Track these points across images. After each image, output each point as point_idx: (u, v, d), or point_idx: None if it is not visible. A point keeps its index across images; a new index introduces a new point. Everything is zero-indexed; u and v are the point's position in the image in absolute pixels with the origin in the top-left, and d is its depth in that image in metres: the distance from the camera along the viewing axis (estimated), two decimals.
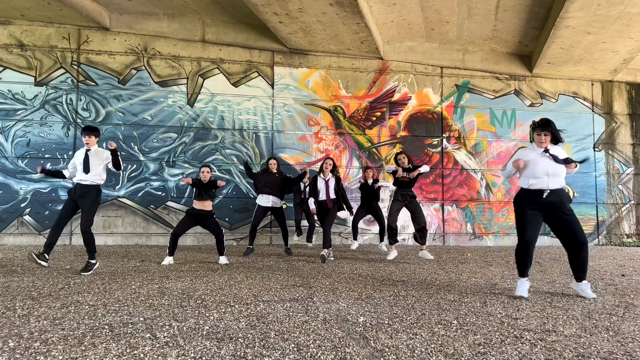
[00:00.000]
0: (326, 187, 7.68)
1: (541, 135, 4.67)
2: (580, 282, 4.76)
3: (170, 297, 4.43)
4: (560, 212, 4.63)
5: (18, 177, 10.31)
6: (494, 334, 3.23)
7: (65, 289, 4.79)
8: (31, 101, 10.48)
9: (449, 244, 11.78)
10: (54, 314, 3.67)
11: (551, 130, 4.64)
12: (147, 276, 5.79)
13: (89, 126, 6.32)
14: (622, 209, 12.73)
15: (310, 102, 11.57)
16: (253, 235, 8.34)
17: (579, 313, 3.96)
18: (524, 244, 4.72)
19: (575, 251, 4.71)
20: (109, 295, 4.46)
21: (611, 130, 12.83)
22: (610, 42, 10.60)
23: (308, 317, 3.64)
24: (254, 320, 3.53)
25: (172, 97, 11.01)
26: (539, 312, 3.98)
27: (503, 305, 4.25)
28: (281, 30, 10.48)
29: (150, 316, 3.62)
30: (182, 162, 10.92)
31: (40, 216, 10.31)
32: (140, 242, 10.59)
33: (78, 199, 6.03)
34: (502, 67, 12.45)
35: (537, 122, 4.77)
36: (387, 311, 3.92)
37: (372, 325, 3.41)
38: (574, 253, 4.72)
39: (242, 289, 4.90)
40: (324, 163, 7.82)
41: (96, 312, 3.77)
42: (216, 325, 3.37)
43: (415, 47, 12.04)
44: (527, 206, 4.68)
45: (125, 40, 10.93)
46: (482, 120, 12.30)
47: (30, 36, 10.58)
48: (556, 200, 4.62)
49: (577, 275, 4.77)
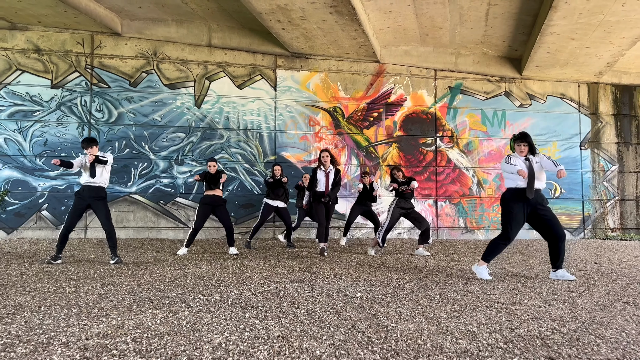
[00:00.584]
0: (326, 178, 7.68)
1: (520, 146, 5.44)
2: (557, 270, 5.50)
3: (193, 279, 5.08)
4: (541, 208, 5.33)
5: (36, 175, 10.95)
6: (469, 305, 3.90)
7: (99, 274, 5.45)
8: (48, 103, 11.11)
9: (442, 237, 12.46)
10: (99, 291, 4.32)
11: (528, 141, 5.44)
12: (166, 264, 6.44)
13: (89, 138, 6.65)
14: (607, 204, 13.41)
15: (311, 103, 12.22)
16: (256, 232, 8.98)
17: (545, 291, 4.63)
18: (508, 238, 5.47)
19: (554, 243, 5.49)
20: (139, 278, 5.12)
21: (597, 129, 13.50)
22: (594, 47, 11.26)
23: (314, 293, 4.30)
24: (269, 295, 4.19)
25: (180, 99, 11.65)
26: (511, 290, 4.64)
27: (482, 285, 4.91)
28: (283, 36, 11.12)
29: (180, 292, 4.28)
30: (190, 161, 11.57)
31: (57, 211, 10.96)
32: (151, 236, 11.24)
33: (89, 200, 6.46)
34: (493, 69, 13.11)
35: (516, 135, 5.54)
36: (381, 289, 4.58)
37: (368, 299, 4.07)
38: (554, 244, 5.50)
39: (255, 273, 5.56)
40: (321, 156, 7.79)
41: (133, 289, 4.42)
42: (238, 298, 4.03)
43: (411, 50, 12.69)
44: (515, 203, 5.38)
45: (136, 45, 11.56)
46: (474, 120, 12.97)
47: (46, 41, 11.20)
48: (538, 198, 5.33)
49: (555, 264, 5.51)
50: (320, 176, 7.73)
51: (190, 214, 11.39)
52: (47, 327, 3.01)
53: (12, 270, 5.67)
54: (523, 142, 5.52)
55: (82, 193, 6.51)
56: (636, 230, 13.44)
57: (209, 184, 7.78)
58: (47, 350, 2.56)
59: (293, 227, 9.69)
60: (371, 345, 2.71)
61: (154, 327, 3.05)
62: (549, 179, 13.10)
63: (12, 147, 10.89)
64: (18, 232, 10.75)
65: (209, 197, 7.77)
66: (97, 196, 6.49)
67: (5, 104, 10.91)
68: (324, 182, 7.67)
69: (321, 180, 7.70)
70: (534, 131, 13.15)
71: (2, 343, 2.69)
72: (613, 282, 5.31)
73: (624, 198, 13.50)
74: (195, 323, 3.15)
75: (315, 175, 7.77)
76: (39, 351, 2.55)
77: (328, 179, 7.68)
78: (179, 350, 2.59)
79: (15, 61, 11.01)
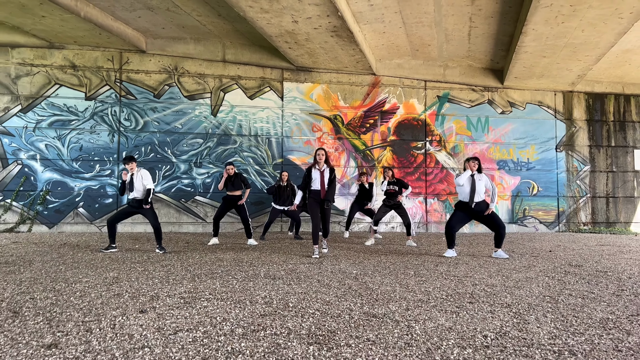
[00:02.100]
0: (321, 177, 7.60)
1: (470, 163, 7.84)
2: (497, 250, 7.70)
3: (227, 262, 6.62)
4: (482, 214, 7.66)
5: (73, 176, 12.47)
6: (433, 277, 5.44)
7: (151, 259, 6.98)
8: (82, 113, 12.62)
9: (431, 231, 14.01)
10: (163, 269, 5.85)
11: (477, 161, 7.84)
12: (199, 252, 7.97)
13: (128, 156, 7.99)
14: (580, 201, 14.94)
15: (314, 111, 13.74)
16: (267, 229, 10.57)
17: (494, 269, 6.17)
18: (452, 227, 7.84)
19: (496, 231, 7.70)
20: (186, 263, 6.65)
21: (571, 133, 15.01)
22: (564, 63, 12.76)
23: (321, 270, 5.84)
24: (289, 271, 5.73)
25: (198, 108, 13.16)
26: (470, 269, 6.19)
27: (449, 266, 6.45)
28: (290, 53, 12.62)
29: (223, 270, 5.82)
30: (207, 163, 13.10)
31: (92, 208, 12.49)
32: (174, 230, 12.79)
33: (138, 209, 7.97)
34: (477, 80, 14.61)
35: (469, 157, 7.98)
36: (371, 269, 6.12)
37: (361, 274, 5.61)
38: (496, 232, 7.71)
39: (274, 257, 7.10)
40: (317, 155, 7.68)
41: (187, 269, 5.95)
42: (267, 272, 5.57)
43: (403, 64, 14.19)
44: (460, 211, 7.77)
45: (159, 61, 13.06)
46: (460, 126, 14.48)
47: (80, 58, 12.70)
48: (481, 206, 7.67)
49: (497, 244, 7.73)
50: (315, 175, 7.65)
51: (208, 211, 12.93)
52: (148, 288, 4.55)
53: (81, 257, 7.20)
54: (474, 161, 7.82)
55: (132, 203, 8.00)
56: (606, 224, 14.98)
57: (228, 185, 9.30)
58: (161, 299, 4.10)
59: None
60: (360, 297, 4.26)
61: (218, 288, 4.60)
62: (528, 178, 14.71)
63: (52, 152, 12.40)
64: (58, 227, 12.29)
65: (229, 196, 9.30)
66: (141, 206, 7.94)
67: (46, 115, 12.42)
68: (319, 180, 7.59)
69: (316, 179, 7.62)
70: (514, 135, 14.68)
71: (129, 295, 4.22)
72: (551, 264, 6.85)
73: (595, 195, 15.03)
74: (244, 287, 4.70)
75: (310, 173, 7.71)
76: (156, 300, 4.09)
77: (323, 178, 7.58)
78: (241, 298, 4.13)
79: (54, 76, 12.51)
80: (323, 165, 7.66)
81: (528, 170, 14.71)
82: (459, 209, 7.83)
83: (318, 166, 7.68)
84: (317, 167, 7.69)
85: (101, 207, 12.55)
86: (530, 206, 14.66)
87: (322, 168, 7.64)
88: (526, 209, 14.61)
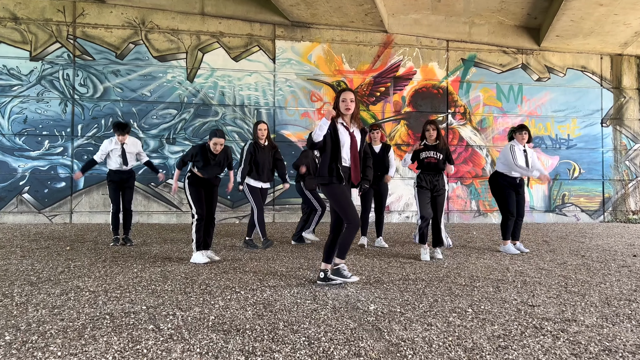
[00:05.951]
0: (352, 142, 4.24)
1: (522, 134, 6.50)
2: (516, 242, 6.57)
3: (174, 281, 4.30)
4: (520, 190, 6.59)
5: (16, 155, 10.13)
6: (512, 323, 3.10)
7: (66, 273, 4.66)
8: (27, 76, 10.22)
9: (453, 221, 11.66)
10: (53, 302, 3.54)
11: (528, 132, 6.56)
12: (149, 258, 5.66)
13: (121, 123, 6.77)
14: (629, 185, 12.56)
15: (313, 77, 11.30)
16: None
17: (596, 299, 3.83)
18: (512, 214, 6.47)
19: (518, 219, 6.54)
20: (110, 280, 4.33)
21: (619, 105, 12.57)
22: (623, 14, 10.28)
23: (317, 305, 3.51)
24: (261, 309, 3.39)
25: (171, 72, 10.74)
26: (555, 298, 3.85)
27: (517, 290, 4.12)
28: (283, 2, 10.16)
29: (153, 304, 3.49)
30: (182, 139, 10.72)
31: (40, 194, 10.17)
32: (142, 221, 10.47)
33: (120, 182, 6.79)
34: (509, 40, 12.13)
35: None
36: (397, 297, 3.79)
37: (384, 314, 3.28)
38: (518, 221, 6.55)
39: (247, 273, 4.77)
40: (341, 99, 4.23)
41: (97, 299, 3.63)
42: (222, 314, 3.24)
43: (421, 19, 11.70)
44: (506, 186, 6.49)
45: (122, 13, 10.60)
46: (489, 96, 12.05)
47: (24, 9, 10.25)
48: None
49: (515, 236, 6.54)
50: (344, 136, 4.24)
51: (183, 197, 10.58)
52: None
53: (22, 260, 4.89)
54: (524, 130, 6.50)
55: (113, 176, 6.77)
56: None
57: None
58: None
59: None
60: None
61: None
62: (568, 158, 12.30)
63: None
64: None
65: None
66: (128, 179, 6.86)
67: None
68: (349, 146, 4.23)
69: (345, 142, 4.22)
70: (552, 107, 12.24)
71: None
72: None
73: None
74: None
75: (336, 131, 4.20)
76: None
77: (355, 143, 4.26)
78: None
79: None
80: (352, 124, 4.32)
81: (568, 148, 12.29)
82: (506, 186, 6.44)
83: (344, 121, 4.28)
84: (344, 124, 4.27)
85: (52, 192, 10.21)
86: (571, 191, 12.27)
87: (351, 127, 4.30)
88: (566, 195, 12.23)
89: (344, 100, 4.20)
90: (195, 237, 5.41)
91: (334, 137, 4.17)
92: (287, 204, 11.01)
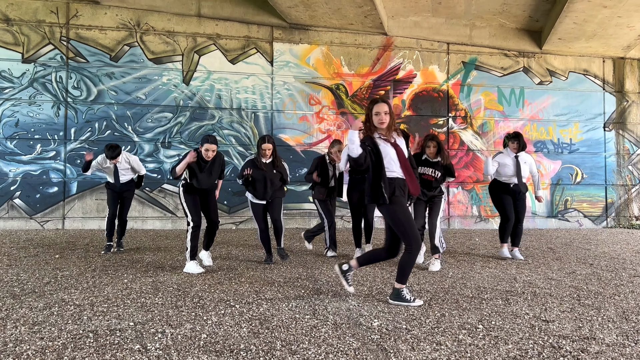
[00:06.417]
0: (398, 153, 3.85)
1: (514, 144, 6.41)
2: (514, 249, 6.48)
3: (165, 293, 4.07)
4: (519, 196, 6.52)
5: (7, 159, 9.89)
6: (527, 342, 2.88)
7: (52, 284, 4.43)
8: (19, 79, 10.00)
9: (454, 227, 11.44)
10: (35, 317, 3.30)
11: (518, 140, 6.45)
12: (140, 266, 5.42)
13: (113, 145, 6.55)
14: (632, 190, 12.38)
15: (311, 80, 11.10)
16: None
17: (612, 313, 3.61)
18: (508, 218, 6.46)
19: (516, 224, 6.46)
20: (98, 292, 4.10)
21: (622, 109, 12.39)
22: (627, 17, 10.11)
23: (317, 321, 3.28)
24: (257, 325, 3.16)
25: (166, 74, 10.53)
26: (569, 312, 3.63)
27: (527, 303, 3.90)
28: (281, 4, 9.97)
29: (141, 320, 3.26)
30: (178, 143, 10.50)
31: (31, 199, 9.92)
32: (136, 227, 10.21)
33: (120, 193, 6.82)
34: (510, 43, 11.95)
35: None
36: (402, 311, 3.57)
37: (389, 331, 3.05)
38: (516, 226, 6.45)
39: (243, 284, 4.54)
40: (375, 112, 3.84)
41: (82, 314, 3.40)
42: (215, 332, 3.01)
43: (421, 22, 11.51)
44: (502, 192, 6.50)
45: (117, 15, 10.39)
46: (490, 99, 11.86)
47: (16, 10, 10.04)
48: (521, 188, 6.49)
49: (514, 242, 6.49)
50: (386, 148, 3.85)
51: (178, 202, 10.33)
52: None
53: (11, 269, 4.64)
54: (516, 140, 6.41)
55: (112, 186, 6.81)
56: None
57: None
58: None
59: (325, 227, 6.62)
60: None
61: None
62: (570, 162, 12.11)
63: None
64: None
65: None
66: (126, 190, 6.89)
67: None
68: (395, 157, 3.83)
69: (388, 154, 3.83)
70: (554, 110, 12.05)
71: None
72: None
73: None
74: None
75: (377, 147, 3.83)
76: None
77: (401, 152, 3.87)
78: None
79: None
80: (393, 133, 3.90)
81: (570, 153, 12.11)
82: (501, 191, 6.47)
83: (382, 133, 3.86)
84: (383, 137, 3.86)
85: (44, 197, 9.97)
86: (573, 196, 12.08)
87: (391, 138, 3.88)
88: (568, 200, 12.03)
89: (378, 113, 3.79)
90: (190, 245, 5.17)
91: (376, 153, 3.78)
92: (285, 209, 10.77)
